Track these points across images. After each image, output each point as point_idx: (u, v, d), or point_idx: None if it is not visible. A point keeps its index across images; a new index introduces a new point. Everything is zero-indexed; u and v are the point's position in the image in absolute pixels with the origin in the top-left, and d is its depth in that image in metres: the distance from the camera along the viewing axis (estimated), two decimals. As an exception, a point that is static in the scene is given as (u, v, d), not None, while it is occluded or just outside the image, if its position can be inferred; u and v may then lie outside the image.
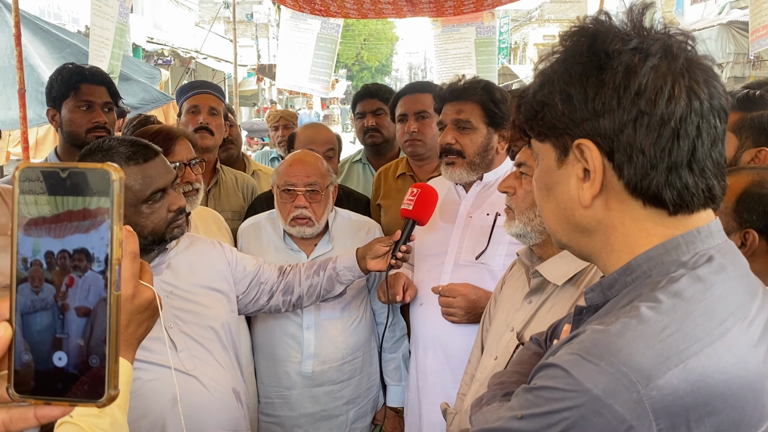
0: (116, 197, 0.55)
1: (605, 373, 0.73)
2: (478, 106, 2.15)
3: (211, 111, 2.92)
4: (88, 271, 0.56)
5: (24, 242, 0.56)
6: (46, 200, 0.56)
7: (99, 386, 0.56)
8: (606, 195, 0.86)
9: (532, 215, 1.63)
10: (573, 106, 0.84)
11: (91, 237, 0.55)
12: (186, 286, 1.91)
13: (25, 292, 0.56)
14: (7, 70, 6.39)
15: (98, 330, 0.56)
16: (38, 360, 0.56)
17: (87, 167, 0.56)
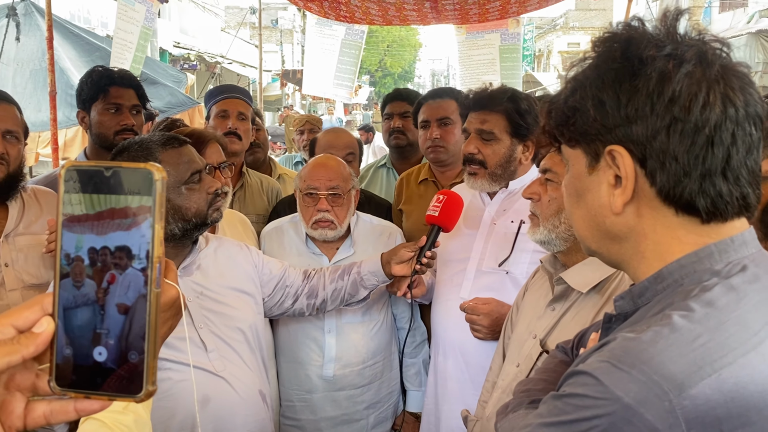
0: (158, 196, 0.56)
1: (637, 381, 0.72)
2: (503, 116, 2.13)
3: (239, 116, 2.95)
4: (129, 268, 0.56)
5: (67, 238, 0.57)
6: (90, 198, 0.57)
7: (137, 381, 0.56)
8: (637, 202, 0.85)
9: (557, 222, 1.62)
10: (605, 112, 0.84)
11: (132, 235, 0.56)
12: (215, 288, 1.93)
13: (67, 287, 0.57)
14: (38, 73, 6.53)
15: (137, 326, 0.56)
16: (79, 354, 0.57)
17: (131, 167, 0.57)
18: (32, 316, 0.57)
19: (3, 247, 2.08)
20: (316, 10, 5.09)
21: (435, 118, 2.82)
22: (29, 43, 6.63)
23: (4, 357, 0.54)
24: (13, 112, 2.11)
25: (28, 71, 6.57)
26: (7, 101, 2.11)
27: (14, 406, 0.58)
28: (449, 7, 4.77)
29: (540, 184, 1.69)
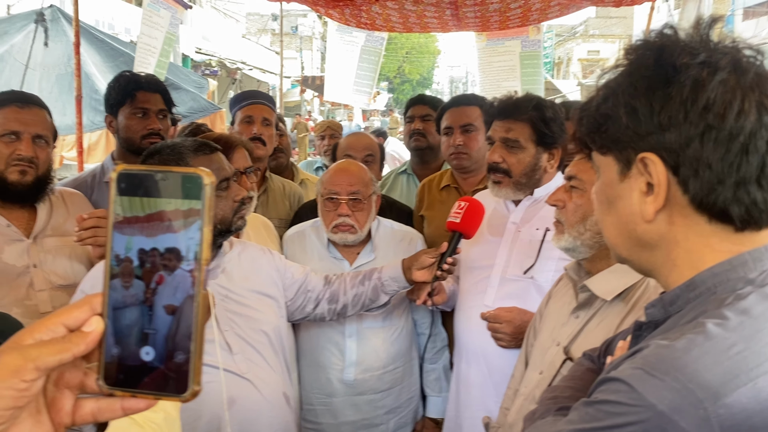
0: (207, 200, 0.57)
1: (671, 389, 0.72)
2: (528, 125, 2.12)
3: (264, 121, 2.97)
4: (178, 270, 0.57)
5: (118, 240, 0.58)
6: (141, 201, 0.58)
7: (183, 381, 0.57)
8: (669, 210, 0.85)
9: (582, 229, 1.62)
10: (638, 119, 0.84)
11: (181, 237, 0.57)
12: (240, 291, 1.95)
13: (116, 288, 0.58)
14: (63, 78, 6.63)
15: (185, 327, 0.57)
16: (126, 354, 0.58)
17: (181, 171, 0.58)
18: (82, 316, 0.58)
19: (32, 248, 2.13)
20: (337, 18, 5.13)
21: (458, 125, 2.82)
22: (55, 48, 6.75)
23: (56, 355, 0.55)
24: (43, 116, 2.15)
25: (54, 76, 6.69)
26: (38, 105, 2.16)
27: (63, 403, 0.60)
28: (470, 15, 4.78)
29: (565, 191, 1.68)
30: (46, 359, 0.55)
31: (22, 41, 6.69)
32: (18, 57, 6.55)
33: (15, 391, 0.54)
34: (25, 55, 6.32)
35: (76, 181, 2.68)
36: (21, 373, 0.54)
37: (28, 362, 0.54)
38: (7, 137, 2.06)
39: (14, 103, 2.10)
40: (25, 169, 2.08)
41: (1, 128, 2.06)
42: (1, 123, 2.06)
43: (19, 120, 2.08)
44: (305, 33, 31.73)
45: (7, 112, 2.08)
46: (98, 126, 6.29)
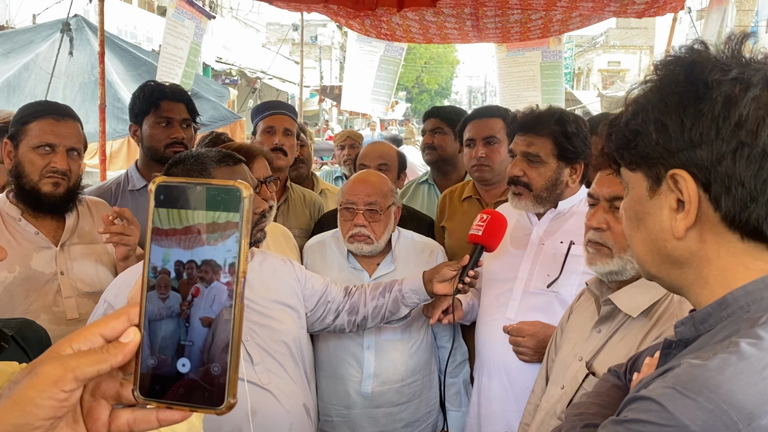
0: (245, 213, 0.57)
1: (704, 409, 0.71)
2: (550, 140, 2.10)
3: (285, 132, 2.99)
4: (215, 282, 0.57)
5: (155, 252, 0.59)
6: (179, 213, 0.58)
7: (219, 394, 0.57)
8: (701, 227, 0.84)
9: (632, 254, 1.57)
10: (668, 135, 0.83)
11: (218, 249, 0.57)
12: (260, 301, 1.95)
13: (153, 299, 0.59)
14: (86, 86, 6.73)
15: (221, 339, 0.57)
16: (163, 365, 0.58)
17: (220, 184, 0.58)
18: (119, 327, 0.59)
19: (59, 255, 2.16)
20: (357, 28, 5.16)
21: (481, 137, 2.80)
22: (79, 57, 6.86)
23: (95, 365, 0.56)
24: (77, 128, 2.19)
25: (78, 84, 6.79)
26: (72, 118, 2.19)
27: (100, 413, 0.60)
28: (490, 26, 4.78)
29: (605, 212, 1.61)
30: (85, 370, 0.55)
31: (47, 50, 6.80)
32: (43, 65, 6.66)
33: (55, 401, 0.54)
34: (50, 64, 6.41)
35: (100, 189, 2.72)
36: (61, 383, 0.54)
37: (67, 372, 0.55)
38: (42, 149, 2.09)
39: (50, 115, 2.13)
40: (59, 181, 2.11)
41: (37, 140, 2.09)
42: (37, 135, 2.09)
43: (55, 133, 2.11)
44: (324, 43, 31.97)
45: (43, 124, 2.10)
46: (120, 134, 6.37)
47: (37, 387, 0.54)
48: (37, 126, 2.09)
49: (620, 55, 36.31)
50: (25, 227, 2.13)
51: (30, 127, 2.09)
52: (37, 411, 0.54)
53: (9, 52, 6.95)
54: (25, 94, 6.34)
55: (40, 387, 0.54)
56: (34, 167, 2.08)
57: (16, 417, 0.54)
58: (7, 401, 0.55)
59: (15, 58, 6.85)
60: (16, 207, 2.14)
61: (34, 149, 2.08)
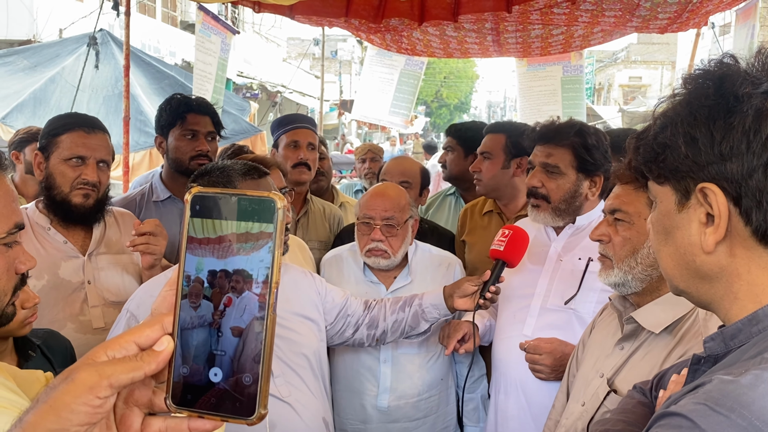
0: (279, 224, 0.58)
1: (736, 426, 0.69)
2: (569, 151, 2.10)
3: (309, 146, 3.00)
4: (247, 292, 0.58)
5: (189, 261, 0.59)
6: (214, 223, 0.59)
7: (251, 404, 0.57)
8: (730, 241, 0.83)
9: (633, 263, 1.57)
10: (698, 149, 0.83)
11: (251, 260, 0.58)
12: (281, 313, 1.94)
13: (185, 308, 0.59)
14: (110, 99, 6.84)
15: (253, 349, 0.58)
16: (195, 374, 0.59)
17: (255, 195, 0.58)
18: (153, 335, 0.59)
19: (87, 265, 2.18)
20: (378, 43, 5.19)
21: (479, 152, 2.88)
22: (104, 70, 6.98)
23: (130, 372, 0.57)
24: (106, 140, 2.23)
25: (102, 97, 6.90)
26: (101, 130, 2.23)
27: (132, 420, 0.61)
28: (511, 41, 4.79)
29: (608, 225, 1.64)
30: (119, 377, 0.56)
31: (72, 63, 6.94)
32: (69, 79, 6.79)
33: (90, 407, 0.55)
34: (75, 77, 6.54)
35: (125, 200, 2.75)
36: (96, 390, 0.55)
37: (102, 379, 0.55)
38: (73, 161, 2.13)
39: (81, 127, 2.16)
40: (89, 193, 2.15)
41: (69, 152, 2.13)
42: (69, 147, 2.13)
43: (85, 145, 2.14)
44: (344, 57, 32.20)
45: (74, 136, 2.14)
46: (142, 146, 6.46)
47: (73, 393, 0.55)
48: (68, 138, 2.13)
49: (641, 70, 36.12)
50: (54, 236, 2.16)
51: (61, 139, 2.13)
52: (72, 417, 0.55)
53: (36, 65, 7.10)
54: (50, 107, 6.46)
55: (76, 393, 0.55)
56: (65, 179, 2.12)
57: (52, 422, 0.55)
58: (44, 406, 0.56)
59: (41, 71, 7.00)
60: (46, 217, 2.17)
61: (65, 161, 2.12)
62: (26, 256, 1.10)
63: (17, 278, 1.11)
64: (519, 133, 2.79)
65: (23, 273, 1.12)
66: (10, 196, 1.06)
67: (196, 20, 4.47)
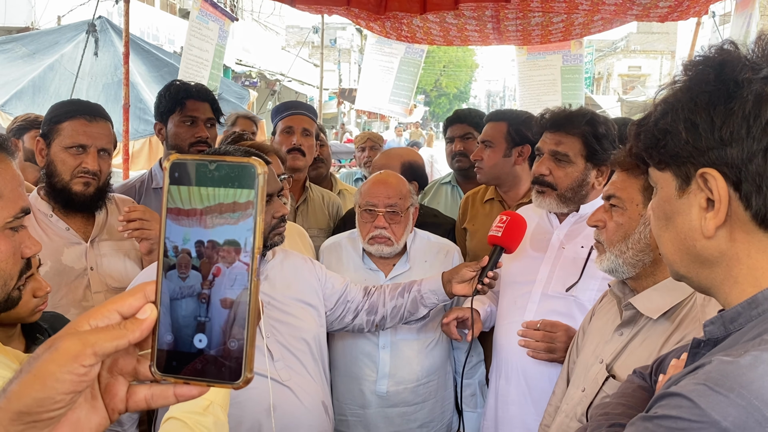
0: (260, 190, 0.58)
1: (736, 405, 0.71)
2: (579, 140, 2.09)
3: (304, 132, 3.00)
4: (232, 260, 0.58)
5: (174, 231, 0.59)
6: (194, 191, 0.59)
7: (236, 369, 0.58)
8: (730, 226, 0.84)
9: (624, 248, 1.59)
10: (698, 134, 0.83)
11: (233, 226, 0.58)
12: (282, 298, 1.97)
13: (172, 278, 0.59)
14: (109, 87, 6.82)
15: (238, 315, 0.58)
16: (180, 341, 0.59)
17: (234, 161, 0.58)
18: (136, 303, 0.60)
19: (89, 251, 2.19)
20: (377, 30, 5.18)
21: (480, 140, 2.86)
22: (103, 58, 6.95)
23: (113, 341, 0.57)
24: (108, 129, 2.21)
25: (101, 85, 6.87)
26: (104, 118, 2.21)
27: (117, 389, 0.61)
28: (511, 29, 4.78)
29: (605, 211, 1.66)
30: (103, 345, 0.56)
31: (71, 51, 6.90)
32: (67, 66, 6.76)
33: (75, 375, 0.55)
34: (74, 65, 6.51)
35: (124, 186, 2.76)
36: (80, 358, 0.55)
37: (86, 347, 0.56)
38: (74, 149, 2.12)
39: (83, 115, 2.15)
40: (89, 181, 2.14)
41: (70, 140, 2.12)
42: (70, 135, 2.12)
43: (87, 133, 2.13)
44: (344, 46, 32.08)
45: (75, 124, 2.13)
46: (142, 134, 6.45)
47: (58, 362, 0.55)
48: (69, 126, 2.12)
49: (641, 60, 36.01)
50: (56, 223, 2.16)
51: (63, 126, 2.12)
52: (57, 385, 0.55)
53: (34, 52, 7.06)
54: (50, 94, 6.44)
55: (60, 362, 0.55)
56: (66, 167, 2.11)
57: (38, 391, 0.55)
58: (28, 376, 0.56)
59: (40, 59, 6.96)
60: (48, 204, 2.17)
61: (67, 149, 2.11)
62: (32, 240, 1.11)
63: (23, 262, 1.11)
64: (520, 121, 2.79)
65: (29, 258, 1.13)
66: (17, 180, 1.06)
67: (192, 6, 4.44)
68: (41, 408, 0.55)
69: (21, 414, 0.55)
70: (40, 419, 0.56)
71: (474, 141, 3.27)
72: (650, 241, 1.56)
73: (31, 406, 0.55)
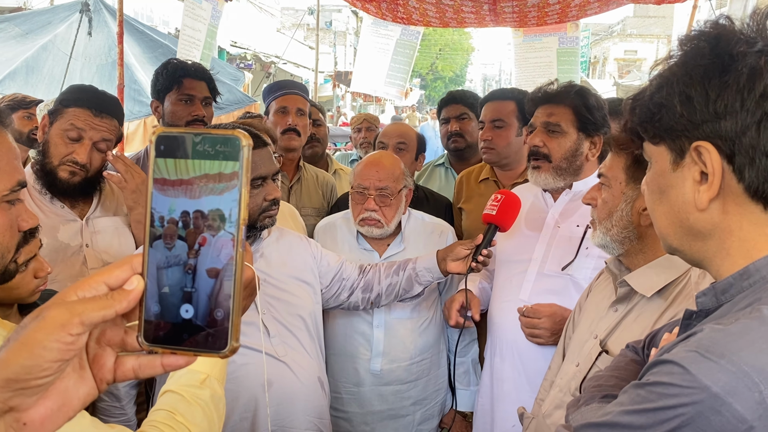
0: (245, 162, 0.58)
1: (726, 371, 0.72)
2: (570, 110, 2.12)
3: (298, 112, 2.99)
4: (218, 230, 0.59)
5: (160, 201, 0.60)
6: (179, 163, 0.59)
7: (223, 338, 0.59)
8: (723, 198, 0.85)
9: (609, 225, 1.62)
10: (693, 107, 0.84)
11: (218, 198, 0.59)
12: (277, 275, 1.98)
13: (159, 248, 0.60)
14: (104, 68, 6.75)
15: (224, 285, 0.59)
16: (167, 312, 0.60)
17: (218, 133, 0.59)
18: (122, 275, 0.61)
19: (84, 229, 2.19)
20: (373, 12, 5.15)
21: (489, 120, 2.82)
22: (97, 39, 6.87)
23: (100, 311, 0.58)
24: (113, 125, 2.18)
25: (95, 66, 6.80)
26: (111, 115, 2.17)
27: (105, 360, 0.62)
28: (508, 10, 4.76)
29: (597, 190, 1.69)
30: (90, 314, 0.57)
31: (65, 31, 6.82)
32: (61, 47, 6.69)
33: (62, 344, 0.56)
34: (68, 45, 6.44)
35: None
36: (68, 327, 0.56)
37: (74, 317, 0.57)
38: (69, 137, 2.09)
39: (91, 107, 2.12)
40: (76, 172, 2.12)
41: (68, 124, 2.09)
42: (70, 121, 2.09)
43: (87, 124, 2.10)
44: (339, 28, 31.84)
45: (79, 112, 2.10)
46: (136, 116, 6.40)
47: (45, 330, 0.56)
48: (73, 113, 2.10)
49: (637, 44, 35.91)
50: (51, 201, 2.16)
51: (68, 111, 2.10)
52: (45, 353, 0.56)
53: (27, 33, 6.98)
54: (43, 75, 6.38)
55: (47, 330, 0.56)
56: (57, 151, 2.10)
57: (25, 358, 0.56)
58: (16, 344, 0.57)
59: (33, 39, 6.88)
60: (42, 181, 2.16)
61: (63, 134, 2.09)
62: (28, 213, 1.11)
63: (20, 236, 1.11)
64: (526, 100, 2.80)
65: (26, 231, 1.13)
66: (13, 153, 1.06)
67: (186, -16, 4.39)
68: (29, 375, 0.56)
69: (9, 381, 0.56)
70: (28, 386, 0.56)
71: (470, 121, 3.26)
72: (632, 218, 1.59)
73: (19, 373, 0.56)
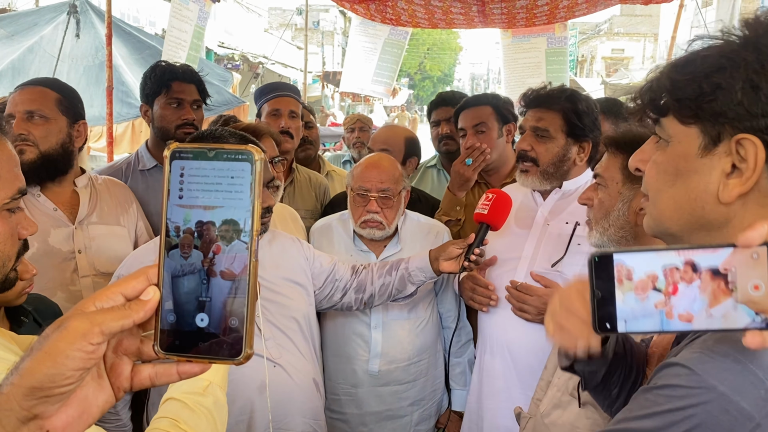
0: (257, 175, 0.61)
1: (731, 370, 0.72)
2: (560, 115, 2.13)
3: (291, 114, 2.99)
4: (233, 241, 0.61)
5: (176, 213, 0.62)
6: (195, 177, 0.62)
7: (237, 346, 0.61)
8: (748, 196, 0.81)
9: (606, 225, 1.63)
10: (756, 98, 0.78)
11: (236, 210, 0.61)
12: (270, 278, 1.98)
13: (174, 258, 0.62)
14: (90, 69, 6.71)
15: (238, 294, 0.61)
16: (182, 320, 0.62)
17: (232, 148, 0.61)
18: (139, 286, 0.62)
19: (76, 234, 2.17)
20: (362, 13, 5.15)
21: (470, 126, 2.81)
22: (84, 40, 6.83)
23: (119, 320, 0.60)
24: (40, 93, 2.15)
25: (82, 67, 6.77)
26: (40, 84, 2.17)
27: (122, 368, 0.64)
28: (496, 11, 4.78)
29: (593, 190, 1.70)
30: (110, 324, 0.59)
31: (51, 33, 6.78)
32: (47, 48, 6.65)
33: (84, 352, 0.58)
34: (54, 47, 6.40)
35: (111, 168, 2.73)
36: (89, 336, 0.58)
37: (94, 326, 0.58)
38: (8, 118, 2.08)
39: (24, 86, 2.15)
40: (22, 148, 2.07)
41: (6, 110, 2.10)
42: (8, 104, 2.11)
43: (13, 101, 2.12)
44: (327, 28, 31.80)
45: (14, 95, 2.13)
46: (124, 117, 6.37)
47: (67, 339, 0.58)
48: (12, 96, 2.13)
49: (624, 42, 36.10)
50: (43, 203, 2.14)
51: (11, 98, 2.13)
52: (67, 362, 0.58)
53: (13, 34, 6.93)
54: (29, 77, 6.29)
55: (69, 340, 0.58)
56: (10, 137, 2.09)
57: (49, 367, 0.58)
58: (39, 353, 0.58)
59: (19, 41, 6.83)
60: (35, 183, 2.13)
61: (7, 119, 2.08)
62: (28, 221, 1.11)
63: (20, 244, 1.11)
64: (501, 101, 2.82)
65: (26, 239, 1.13)
66: (13, 161, 1.06)
67: (173, -15, 4.37)
68: (53, 383, 0.58)
69: (33, 389, 0.58)
70: (52, 394, 0.58)
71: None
72: (629, 218, 1.59)
73: (43, 381, 0.57)
